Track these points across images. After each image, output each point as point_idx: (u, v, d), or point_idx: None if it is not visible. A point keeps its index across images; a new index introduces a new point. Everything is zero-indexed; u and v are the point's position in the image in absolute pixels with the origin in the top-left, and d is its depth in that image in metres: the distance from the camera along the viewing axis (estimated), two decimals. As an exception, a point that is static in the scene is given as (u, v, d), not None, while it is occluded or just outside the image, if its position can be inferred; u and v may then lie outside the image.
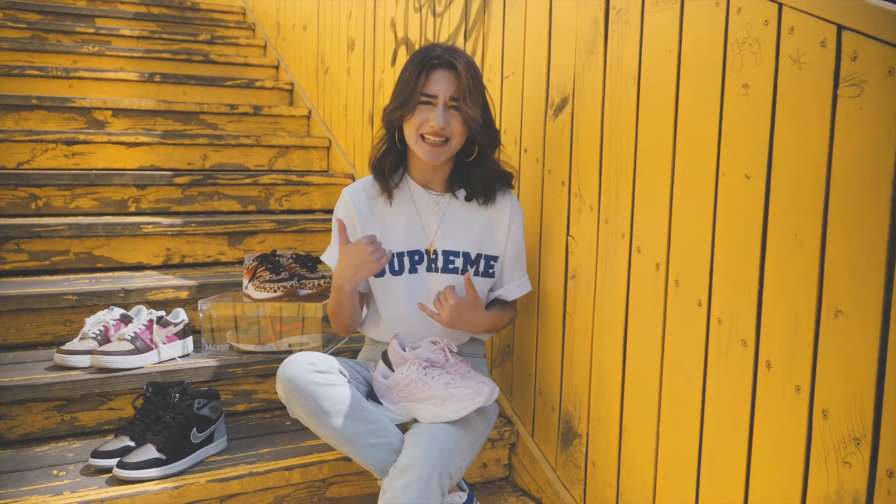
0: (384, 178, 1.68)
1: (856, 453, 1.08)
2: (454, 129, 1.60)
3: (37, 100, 3.01)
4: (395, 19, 2.64)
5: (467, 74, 1.58)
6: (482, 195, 1.69)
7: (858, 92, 1.07)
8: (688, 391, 1.38)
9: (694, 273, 1.36)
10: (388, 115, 1.64)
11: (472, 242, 1.70)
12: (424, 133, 1.59)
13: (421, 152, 1.62)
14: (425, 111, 1.59)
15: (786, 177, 1.18)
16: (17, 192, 2.51)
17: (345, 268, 1.58)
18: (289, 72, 3.89)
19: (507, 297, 1.74)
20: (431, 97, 1.58)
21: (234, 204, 2.84)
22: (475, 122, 1.59)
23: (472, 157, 1.67)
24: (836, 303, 1.10)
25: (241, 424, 1.89)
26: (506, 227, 1.72)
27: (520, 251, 1.75)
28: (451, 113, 1.59)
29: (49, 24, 3.84)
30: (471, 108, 1.58)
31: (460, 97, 1.58)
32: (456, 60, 1.59)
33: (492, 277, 1.73)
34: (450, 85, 1.58)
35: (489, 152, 1.67)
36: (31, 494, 1.47)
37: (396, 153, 1.69)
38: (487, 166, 1.67)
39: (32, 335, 2.05)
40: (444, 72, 1.59)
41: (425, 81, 1.58)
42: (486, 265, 1.71)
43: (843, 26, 1.09)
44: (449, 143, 1.61)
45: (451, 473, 1.43)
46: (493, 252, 1.72)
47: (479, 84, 1.62)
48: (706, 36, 1.33)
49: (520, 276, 1.76)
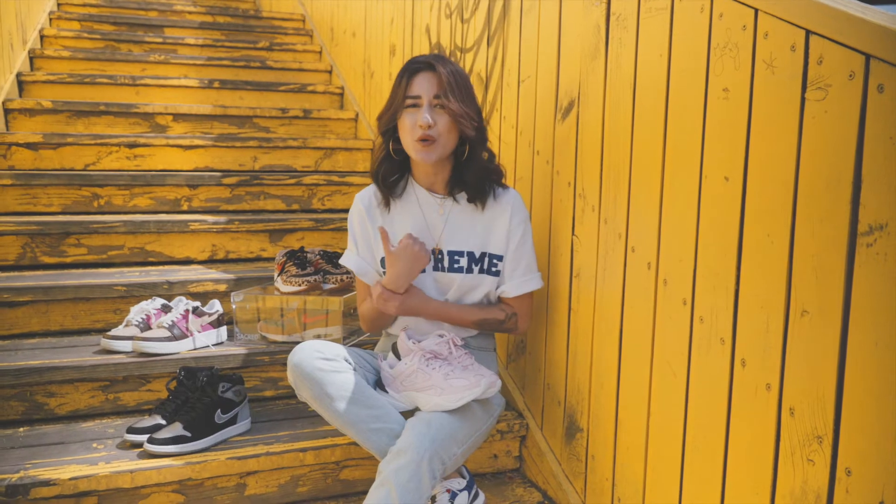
0: (383, 187, 1.77)
1: (818, 451, 1.10)
2: (441, 127, 1.67)
3: (104, 106, 3.24)
4: (430, 25, 2.73)
5: (447, 74, 1.67)
6: (476, 193, 1.75)
7: (823, 95, 1.10)
8: (674, 387, 1.42)
9: (680, 272, 1.40)
10: (380, 121, 1.73)
11: (476, 242, 1.76)
12: (417, 136, 1.67)
13: (414, 153, 1.70)
14: (413, 114, 1.67)
15: (760, 178, 1.21)
16: (81, 191, 2.73)
17: (400, 270, 1.66)
18: (340, 76, 4.04)
19: (509, 293, 1.78)
20: (416, 98, 1.67)
21: (279, 203, 2.99)
22: (460, 116, 1.66)
23: (465, 157, 1.74)
24: (803, 303, 1.13)
25: (267, 409, 2.02)
26: (507, 225, 1.76)
27: (522, 248, 1.77)
28: (436, 112, 1.67)
29: (121, 35, 4.11)
30: (453, 102, 1.65)
31: (442, 94, 1.66)
32: (436, 63, 1.68)
33: (497, 276, 1.79)
34: (431, 85, 1.67)
35: (478, 148, 1.73)
36: (70, 464, 1.63)
37: (393, 162, 1.77)
38: (478, 163, 1.73)
39: (87, 322, 2.24)
40: (425, 73, 1.68)
41: (408, 85, 1.68)
42: (491, 263, 1.77)
43: (811, 31, 1.12)
44: (438, 142, 1.68)
45: (444, 459, 1.50)
46: (496, 251, 1.77)
47: (462, 82, 1.69)
48: (692, 41, 1.37)
49: (522, 274, 1.77)
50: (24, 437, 1.79)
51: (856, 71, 1.04)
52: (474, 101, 1.73)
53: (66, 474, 1.57)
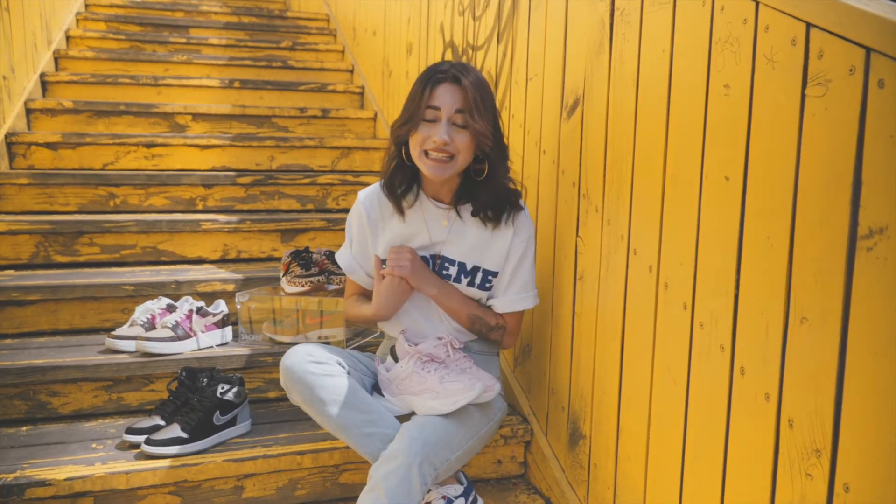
0: (394, 196, 1.70)
1: (817, 465, 1.05)
2: (459, 145, 1.59)
3: (124, 106, 3.27)
4: (444, 23, 2.70)
5: (473, 89, 1.58)
6: (489, 216, 1.68)
7: (824, 91, 1.04)
8: (674, 395, 1.36)
9: (681, 276, 1.35)
10: (396, 130, 1.64)
11: (472, 255, 1.71)
12: (428, 149, 1.59)
13: (425, 168, 1.62)
14: (428, 127, 1.59)
15: (760, 178, 1.16)
16: (97, 190, 2.75)
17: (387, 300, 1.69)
18: (361, 76, 4.03)
19: (497, 308, 1.74)
20: (435, 109, 1.58)
21: (294, 203, 2.99)
22: (485, 137, 1.57)
23: (483, 177, 1.65)
24: (802, 309, 1.07)
25: (270, 410, 2.01)
26: (507, 243, 1.70)
27: (520, 267, 1.71)
28: (455, 129, 1.59)
29: (146, 35, 4.15)
30: (478, 122, 1.57)
31: (466, 111, 1.57)
32: (462, 75, 1.59)
33: (488, 290, 1.74)
34: (455, 99, 1.58)
35: (500, 169, 1.65)
36: (67, 464, 1.64)
37: (407, 171, 1.70)
38: (497, 185, 1.66)
39: (95, 321, 2.25)
40: (449, 85, 1.59)
41: (430, 95, 1.59)
42: (484, 279, 1.72)
43: (811, 24, 1.06)
44: (455, 160, 1.60)
45: (436, 465, 1.47)
46: (492, 267, 1.71)
47: (487, 98, 1.61)
48: (694, 35, 1.31)
49: (516, 293, 1.72)
50: (26, 436, 1.80)
51: (856, 65, 0.98)
52: (496, 115, 1.65)
53: (62, 475, 1.58)
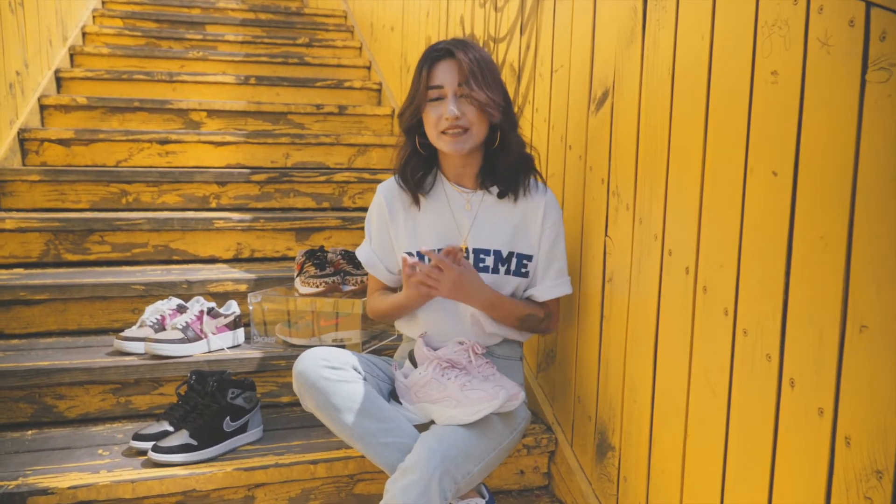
0: (410, 185, 1.67)
1: (877, 488, 0.95)
2: (471, 117, 1.58)
3: (139, 102, 3.22)
4: (464, 16, 2.61)
5: (469, 60, 1.56)
6: (508, 185, 1.65)
7: (887, 77, 0.94)
8: (714, 407, 1.27)
9: (721, 279, 1.25)
10: (402, 116, 1.65)
11: (504, 240, 1.66)
12: (443, 128, 1.58)
13: (444, 146, 1.60)
14: (437, 106, 1.58)
15: (813, 173, 1.06)
16: (109, 187, 2.69)
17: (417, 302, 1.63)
18: (378, 72, 3.96)
19: (538, 297, 1.68)
20: (438, 88, 1.57)
21: (309, 201, 2.91)
22: (486, 105, 1.55)
23: (496, 144, 1.63)
24: (861, 316, 0.97)
25: (283, 416, 1.93)
26: (539, 224, 1.66)
27: (555, 250, 1.68)
28: (463, 102, 1.57)
29: (162, 32, 4.10)
30: (477, 91, 1.55)
31: (464, 83, 1.56)
32: (456, 49, 1.57)
33: (525, 277, 1.67)
34: (454, 74, 1.57)
35: (510, 134, 1.63)
36: (71, 471, 1.57)
37: (420, 158, 1.68)
38: (510, 149, 1.64)
39: (104, 321, 2.19)
40: (446, 62, 1.58)
41: (429, 75, 1.58)
42: (519, 264, 1.66)
43: (872, 2, 0.96)
44: (470, 132, 1.59)
45: (457, 478, 1.38)
46: (526, 251, 1.66)
47: (487, 69, 1.59)
48: (737, 19, 1.22)
49: (555, 277, 1.68)
50: (31, 440, 1.74)
51: (927, 46, 0.88)
52: (500, 84, 1.62)
53: (65, 483, 1.51)
